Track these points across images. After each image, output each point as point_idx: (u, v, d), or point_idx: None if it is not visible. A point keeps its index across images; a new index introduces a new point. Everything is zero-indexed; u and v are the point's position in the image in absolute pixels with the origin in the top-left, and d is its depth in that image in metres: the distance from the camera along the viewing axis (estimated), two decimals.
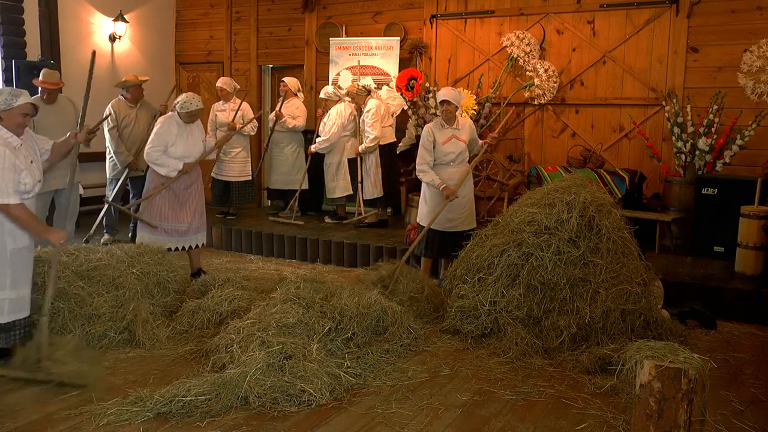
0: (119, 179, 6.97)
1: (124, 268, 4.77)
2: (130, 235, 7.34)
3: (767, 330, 4.95)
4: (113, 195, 6.93)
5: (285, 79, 8.10)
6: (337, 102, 7.57)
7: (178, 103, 5.51)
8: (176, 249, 5.63)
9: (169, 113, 5.68)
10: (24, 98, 3.79)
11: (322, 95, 7.67)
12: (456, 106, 5.49)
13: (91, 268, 4.62)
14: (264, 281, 5.31)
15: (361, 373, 3.83)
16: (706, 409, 2.98)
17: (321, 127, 7.63)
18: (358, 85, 7.54)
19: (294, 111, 7.96)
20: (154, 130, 5.55)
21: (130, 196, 7.37)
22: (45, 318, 3.89)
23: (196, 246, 5.77)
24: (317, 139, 7.59)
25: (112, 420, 3.25)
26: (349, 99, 7.66)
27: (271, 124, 8.09)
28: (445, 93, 5.51)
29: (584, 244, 4.52)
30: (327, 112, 7.63)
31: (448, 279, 5.07)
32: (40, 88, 6.05)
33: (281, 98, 8.06)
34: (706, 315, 4.95)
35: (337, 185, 7.69)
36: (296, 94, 8.06)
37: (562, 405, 3.57)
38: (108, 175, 7.08)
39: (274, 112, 8.00)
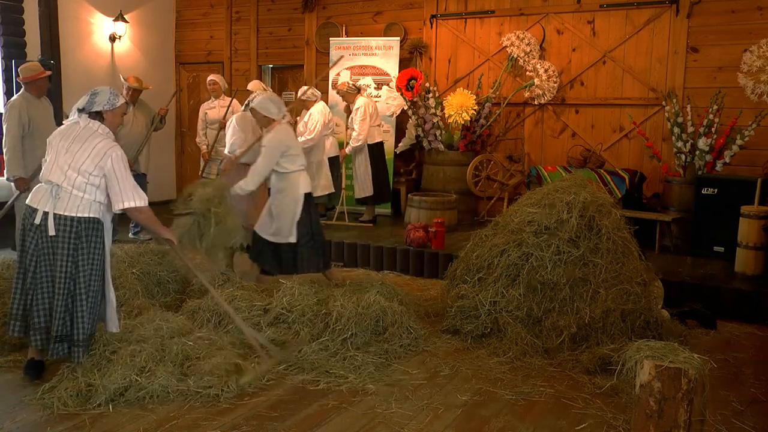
0: None
1: (124, 268, 4.78)
2: (130, 234, 7.35)
3: (767, 330, 4.95)
4: None
5: (249, 85, 7.36)
6: (315, 102, 7.41)
7: (254, 101, 5.32)
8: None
9: (240, 114, 5.39)
10: (122, 97, 3.79)
11: (300, 96, 7.45)
12: (263, 115, 5.21)
13: None
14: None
15: (362, 373, 3.83)
16: (706, 409, 2.97)
17: (302, 128, 7.49)
18: (348, 84, 7.48)
19: None
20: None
21: None
22: (232, 310, 4.03)
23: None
24: (300, 140, 7.49)
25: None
26: (341, 96, 7.63)
27: None
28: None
29: (584, 244, 4.52)
30: (307, 112, 7.46)
31: (447, 279, 5.06)
32: (23, 86, 5.98)
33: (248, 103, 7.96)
34: (706, 315, 4.95)
35: (318, 184, 7.59)
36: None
37: (562, 405, 3.57)
38: None
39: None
